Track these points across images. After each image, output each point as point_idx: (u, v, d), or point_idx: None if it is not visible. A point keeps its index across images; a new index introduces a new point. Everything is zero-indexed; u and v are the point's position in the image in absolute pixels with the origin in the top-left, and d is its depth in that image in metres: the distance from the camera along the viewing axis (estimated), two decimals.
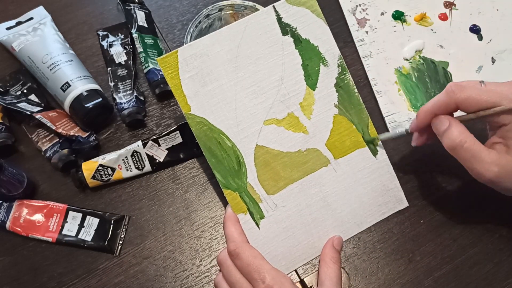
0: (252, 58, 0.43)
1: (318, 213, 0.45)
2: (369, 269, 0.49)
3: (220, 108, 0.43)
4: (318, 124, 0.45)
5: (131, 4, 0.60)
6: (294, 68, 0.44)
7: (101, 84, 0.56)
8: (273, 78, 0.44)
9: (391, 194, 0.47)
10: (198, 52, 0.42)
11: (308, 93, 0.45)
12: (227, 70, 0.43)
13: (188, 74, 0.42)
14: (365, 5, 0.63)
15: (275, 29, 0.44)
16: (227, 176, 0.43)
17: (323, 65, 0.45)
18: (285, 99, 0.44)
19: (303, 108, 0.45)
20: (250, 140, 0.44)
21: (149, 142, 0.53)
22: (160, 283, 0.48)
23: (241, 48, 0.43)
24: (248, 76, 0.43)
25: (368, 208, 0.46)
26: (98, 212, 0.51)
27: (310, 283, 0.47)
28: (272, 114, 0.44)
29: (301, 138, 0.45)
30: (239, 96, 0.43)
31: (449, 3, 0.63)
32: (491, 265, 0.49)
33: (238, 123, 0.43)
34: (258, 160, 0.44)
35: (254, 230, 0.44)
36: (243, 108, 0.43)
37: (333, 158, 0.46)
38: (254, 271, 0.39)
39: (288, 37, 0.44)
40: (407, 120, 0.56)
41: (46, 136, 0.52)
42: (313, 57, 0.45)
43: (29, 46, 0.55)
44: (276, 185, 0.44)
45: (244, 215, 0.43)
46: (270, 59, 0.44)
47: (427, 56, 0.59)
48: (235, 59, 0.43)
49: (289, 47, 0.44)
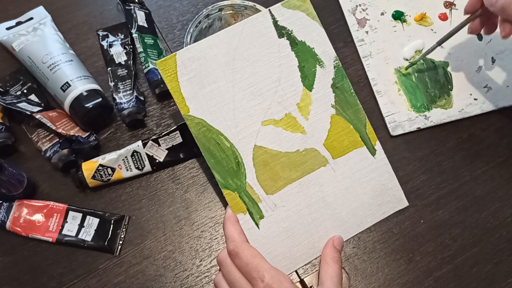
0: (249, 60, 0.44)
1: (317, 213, 0.45)
2: (369, 269, 0.49)
3: (219, 109, 0.44)
4: (316, 124, 0.46)
5: (131, 4, 0.60)
6: (291, 70, 0.45)
7: (101, 84, 0.56)
8: (270, 79, 0.45)
9: (391, 194, 0.47)
10: (195, 55, 0.43)
11: (305, 94, 0.46)
12: (224, 72, 0.44)
13: (186, 76, 0.43)
14: (365, 5, 0.63)
15: (271, 32, 0.45)
16: (226, 177, 0.44)
17: (319, 67, 0.46)
18: (283, 100, 0.45)
19: (301, 108, 0.46)
20: (249, 140, 0.44)
21: (149, 142, 0.53)
22: (160, 283, 0.48)
23: (238, 50, 0.44)
24: (246, 78, 0.44)
25: (368, 208, 0.46)
26: (98, 212, 0.51)
27: (310, 283, 0.47)
28: (270, 115, 0.45)
29: (299, 138, 0.45)
30: (237, 97, 0.44)
31: (449, 3, 0.63)
32: (491, 265, 0.49)
33: (237, 124, 0.44)
34: (257, 160, 0.44)
35: (253, 230, 0.44)
36: (241, 109, 0.44)
37: (332, 158, 0.46)
38: (253, 270, 0.39)
39: (284, 40, 0.45)
40: (407, 120, 0.56)
41: (46, 136, 0.52)
42: (309, 58, 0.46)
43: (29, 46, 0.55)
44: (275, 185, 0.45)
45: (243, 215, 0.44)
46: (267, 61, 0.45)
47: (427, 56, 0.59)
48: (232, 62, 0.44)
49: (286, 49, 0.45)
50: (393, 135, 0.55)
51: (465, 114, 0.56)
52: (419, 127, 0.55)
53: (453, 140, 0.55)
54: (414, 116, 0.56)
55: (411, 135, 0.55)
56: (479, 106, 0.57)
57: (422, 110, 0.56)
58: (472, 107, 0.57)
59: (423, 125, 0.56)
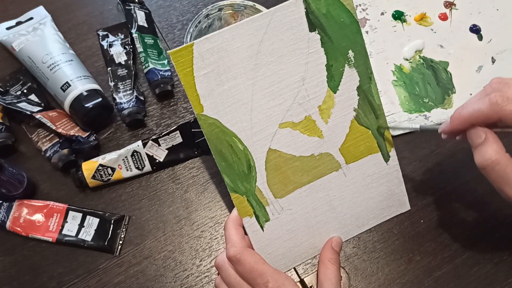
0: (275, 56, 0.40)
1: (322, 216, 0.44)
2: (369, 269, 0.49)
3: (235, 109, 0.40)
4: (335, 129, 0.43)
5: (131, 4, 0.60)
6: (318, 69, 0.41)
7: (101, 84, 0.56)
8: (294, 78, 0.41)
9: (395, 199, 0.46)
10: (216, 47, 0.38)
11: (328, 96, 0.42)
12: (246, 68, 0.39)
13: (203, 71, 0.39)
14: (365, 5, 0.63)
15: (303, 24, 0.40)
16: (236, 180, 0.41)
17: (348, 66, 0.42)
18: (304, 101, 0.42)
19: (322, 111, 0.42)
20: (263, 143, 0.41)
21: (149, 142, 0.53)
22: (160, 283, 0.48)
23: (263, 44, 0.39)
24: (268, 76, 0.40)
25: (372, 211, 0.46)
26: (98, 212, 0.51)
27: (310, 283, 0.47)
28: (289, 117, 0.42)
29: (315, 143, 0.43)
30: (256, 96, 0.40)
31: (449, 3, 0.63)
32: (491, 265, 0.49)
33: (253, 126, 0.41)
34: (269, 164, 0.42)
35: (258, 232, 0.43)
36: (259, 110, 0.40)
37: (345, 163, 0.44)
38: (257, 277, 0.39)
39: (315, 34, 0.40)
40: (407, 120, 0.56)
41: (46, 136, 0.52)
42: (339, 57, 0.42)
43: (29, 46, 0.55)
44: (285, 188, 0.43)
45: (249, 218, 0.42)
46: (293, 57, 0.40)
47: (427, 56, 0.59)
48: (255, 56, 0.39)
49: (315, 45, 0.41)
50: (393, 135, 0.55)
51: None
52: None
53: (453, 140, 0.55)
54: (414, 116, 0.56)
55: (411, 135, 0.55)
56: None
57: (422, 110, 0.56)
58: None
59: None
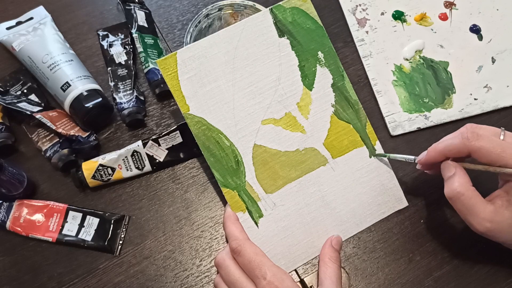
0: (249, 60, 0.44)
1: (317, 212, 0.45)
2: (369, 269, 0.49)
3: (219, 108, 0.44)
4: (316, 124, 0.46)
5: (131, 4, 0.60)
6: (291, 69, 0.45)
7: (101, 84, 0.56)
8: (270, 78, 0.45)
9: (390, 194, 0.47)
10: (196, 54, 0.43)
11: (305, 93, 0.46)
12: (224, 71, 0.44)
13: (186, 75, 0.43)
14: (365, 5, 0.63)
15: (272, 31, 0.45)
16: (225, 175, 0.44)
17: (319, 66, 0.46)
18: (283, 99, 0.45)
19: (301, 108, 0.46)
20: (248, 139, 0.44)
21: (149, 142, 0.53)
22: (160, 283, 0.48)
23: (238, 50, 0.44)
24: (246, 77, 0.44)
25: (368, 207, 0.46)
26: (98, 212, 0.51)
27: (310, 282, 0.47)
28: (270, 114, 0.45)
29: (299, 138, 0.45)
30: (236, 96, 0.44)
31: (449, 3, 0.63)
32: (491, 265, 0.49)
33: (236, 123, 0.44)
34: (256, 159, 0.44)
35: (253, 228, 0.44)
36: (241, 108, 0.44)
37: (331, 158, 0.46)
38: (256, 268, 0.39)
39: (284, 39, 0.45)
40: (407, 120, 0.56)
41: (46, 136, 0.52)
42: (310, 58, 0.46)
43: (29, 46, 0.55)
44: (275, 184, 0.45)
45: (242, 214, 0.44)
46: (267, 60, 0.45)
47: (427, 56, 0.59)
48: (232, 61, 0.44)
49: (286, 49, 0.45)
50: (393, 135, 0.55)
51: (465, 114, 0.56)
52: (419, 127, 0.55)
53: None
54: (414, 116, 0.56)
55: (411, 135, 0.55)
56: (479, 106, 0.57)
57: (422, 110, 0.56)
58: (472, 107, 0.57)
59: (423, 125, 0.55)
